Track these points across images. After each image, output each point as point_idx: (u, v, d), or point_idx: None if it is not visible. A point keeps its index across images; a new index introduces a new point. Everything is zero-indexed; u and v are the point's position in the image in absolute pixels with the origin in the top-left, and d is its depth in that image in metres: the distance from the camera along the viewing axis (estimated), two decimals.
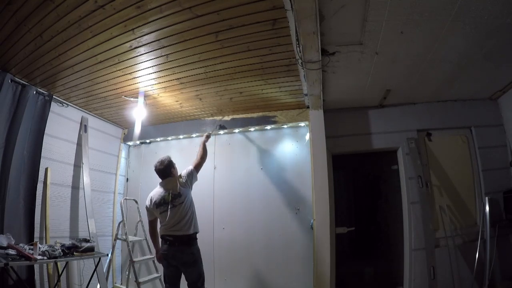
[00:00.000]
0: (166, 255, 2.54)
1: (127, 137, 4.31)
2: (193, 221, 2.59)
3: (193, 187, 2.77)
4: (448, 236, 3.02)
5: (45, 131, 3.02)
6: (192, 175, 2.73)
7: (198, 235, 2.63)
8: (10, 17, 2.11)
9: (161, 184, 2.71)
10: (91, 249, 2.70)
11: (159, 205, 2.59)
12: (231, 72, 2.75)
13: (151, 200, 2.66)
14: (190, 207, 2.60)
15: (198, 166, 2.81)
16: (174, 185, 2.62)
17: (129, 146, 4.44)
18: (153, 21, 2.09)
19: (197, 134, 3.97)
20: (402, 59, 2.49)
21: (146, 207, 2.70)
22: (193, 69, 2.70)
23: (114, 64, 2.64)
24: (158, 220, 2.68)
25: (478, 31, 2.11)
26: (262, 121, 3.64)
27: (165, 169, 2.71)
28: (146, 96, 3.24)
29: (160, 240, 2.64)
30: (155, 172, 2.75)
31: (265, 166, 3.63)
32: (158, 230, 2.69)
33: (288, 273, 3.29)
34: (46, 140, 3.03)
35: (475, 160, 3.17)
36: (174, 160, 4.04)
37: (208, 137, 3.17)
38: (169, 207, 2.55)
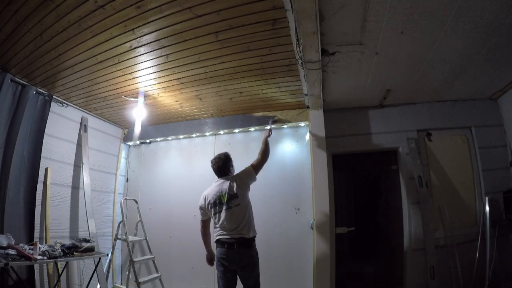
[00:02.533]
0: (224, 259, 2.32)
1: (127, 137, 4.30)
2: (251, 224, 2.40)
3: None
4: (448, 236, 3.02)
5: (45, 131, 3.02)
6: (250, 176, 2.50)
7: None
8: (10, 17, 2.11)
9: (217, 183, 2.51)
10: (91, 249, 2.70)
11: (214, 205, 2.42)
12: (231, 72, 2.75)
13: (205, 199, 2.49)
14: (247, 209, 2.41)
15: (258, 166, 2.56)
16: (231, 185, 2.42)
17: (129, 146, 4.44)
18: (153, 21, 2.09)
19: (197, 134, 3.97)
20: (402, 59, 2.49)
21: (200, 206, 2.52)
22: (193, 69, 2.70)
23: (114, 64, 2.64)
24: (212, 220, 2.51)
25: (478, 31, 2.11)
26: (262, 121, 3.64)
27: (223, 166, 2.54)
28: (146, 96, 3.24)
29: (212, 242, 2.48)
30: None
31: (265, 166, 3.61)
32: (211, 231, 2.54)
33: (288, 273, 3.29)
34: (46, 140, 3.03)
35: (475, 160, 3.17)
36: (173, 160, 4.10)
37: (270, 131, 2.89)
38: (224, 208, 2.37)
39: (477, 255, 2.87)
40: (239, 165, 3.72)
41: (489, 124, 3.21)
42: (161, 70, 2.74)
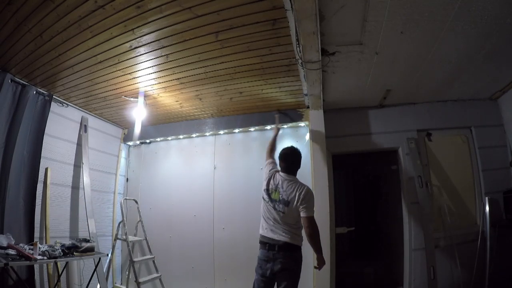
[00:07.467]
0: (263, 261, 2.20)
1: (127, 137, 4.30)
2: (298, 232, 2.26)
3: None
4: (448, 236, 3.02)
5: (45, 131, 3.02)
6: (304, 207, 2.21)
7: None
8: (10, 17, 2.11)
9: (284, 176, 2.31)
10: (91, 249, 2.70)
11: (268, 189, 2.31)
12: (231, 72, 2.75)
13: (273, 178, 2.35)
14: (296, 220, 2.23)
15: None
16: (292, 192, 2.20)
17: (129, 146, 4.44)
18: (153, 21, 2.09)
19: (197, 134, 3.97)
20: (402, 59, 2.49)
21: (268, 164, 2.48)
22: (193, 69, 2.70)
23: (114, 64, 2.64)
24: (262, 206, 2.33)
25: (478, 31, 2.11)
26: (262, 121, 3.63)
27: (296, 163, 2.37)
28: (146, 96, 3.24)
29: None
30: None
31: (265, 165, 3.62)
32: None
33: None
34: (46, 140, 3.03)
35: (475, 160, 3.17)
36: (172, 160, 4.10)
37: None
38: (271, 204, 2.25)
39: (477, 255, 2.87)
40: (238, 165, 3.75)
41: (489, 124, 3.21)
42: (161, 70, 2.74)
